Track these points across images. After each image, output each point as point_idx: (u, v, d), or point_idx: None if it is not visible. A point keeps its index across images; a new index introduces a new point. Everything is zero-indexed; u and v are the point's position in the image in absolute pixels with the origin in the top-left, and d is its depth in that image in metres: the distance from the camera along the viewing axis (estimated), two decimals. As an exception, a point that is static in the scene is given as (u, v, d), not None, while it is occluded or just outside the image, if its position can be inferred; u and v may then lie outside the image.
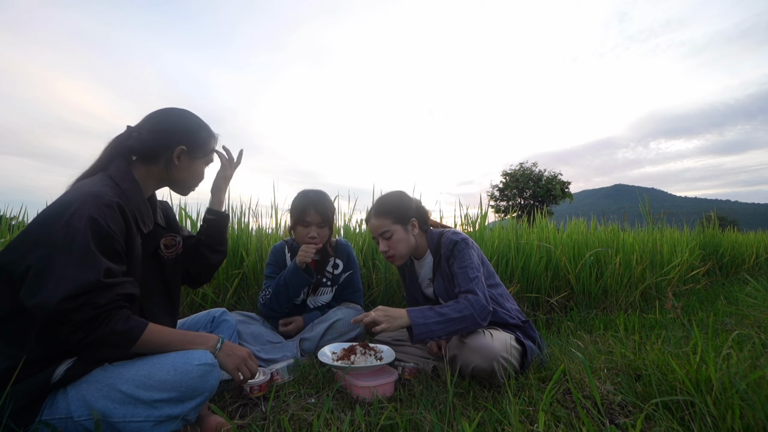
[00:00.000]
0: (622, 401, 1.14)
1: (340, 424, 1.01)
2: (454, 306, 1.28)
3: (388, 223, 1.46)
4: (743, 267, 4.57)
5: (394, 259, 1.49)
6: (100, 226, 0.85)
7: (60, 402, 0.84)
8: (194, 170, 1.12)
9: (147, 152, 1.04)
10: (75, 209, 0.84)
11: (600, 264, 2.67)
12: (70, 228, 0.82)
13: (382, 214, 1.47)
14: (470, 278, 1.34)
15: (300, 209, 1.65)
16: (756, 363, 1.15)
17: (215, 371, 0.94)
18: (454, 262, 1.40)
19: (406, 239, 1.47)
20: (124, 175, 1.00)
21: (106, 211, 0.87)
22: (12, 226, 2.55)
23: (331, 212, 1.72)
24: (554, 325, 2.20)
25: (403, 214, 1.47)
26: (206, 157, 1.15)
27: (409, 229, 1.48)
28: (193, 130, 1.10)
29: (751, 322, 1.98)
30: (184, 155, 1.07)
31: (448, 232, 1.49)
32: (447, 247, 1.43)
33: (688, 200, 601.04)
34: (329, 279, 1.78)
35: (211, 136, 1.15)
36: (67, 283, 0.78)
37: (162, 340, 0.92)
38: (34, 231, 0.84)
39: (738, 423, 0.90)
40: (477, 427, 1.00)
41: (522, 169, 29.63)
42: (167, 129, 1.06)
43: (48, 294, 0.76)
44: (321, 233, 1.67)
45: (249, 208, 2.55)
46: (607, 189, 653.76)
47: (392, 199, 1.52)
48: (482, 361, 1.22)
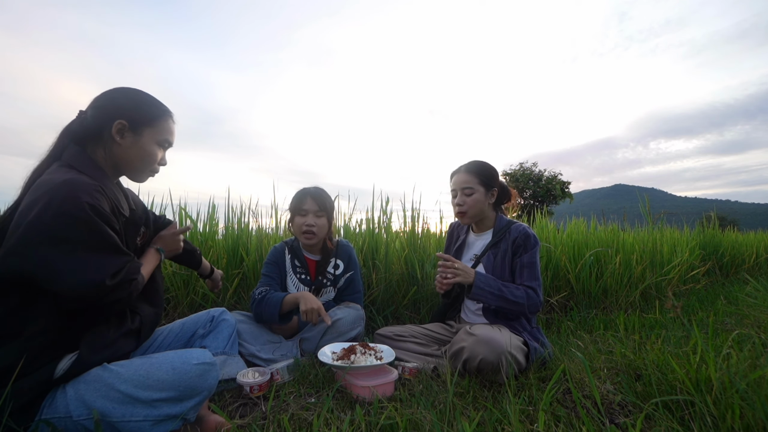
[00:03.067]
0: (622, 401, 1.14)
1: (340, 423, 1.00)
2: (515, 291, 1.42)
3: (475, 181, 1.56)
4: (743, 267, 4.57)
5: (464, 216, 1.59)
6: (99, 210, 0.86)
7: (59, 401, 0.84)
8: (141, 148, 1.01)
9: (90, 134, 0.97)
10: (63, 197, 0.81)
11: (600, 264, 2.67)
12: (71, 217, 0.80)
13: (473, 171, 1.58)
14: (536, 277, 1.47)
15: (297, 198, 1.69)
16: (756, 363, 1.15)
17: (214, 370, 0.94)
18: (524, 254, 1.49)
19: (482, 202, 1.57)
20: (83, 162, 0.94)
21: (96, 195, 0.86)
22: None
23: (329, 203, 1.71)
24: (554, 325, 2.20)
25: (490, 180, 1.58)
26: (154, 131, 1.03)
27: (488, 197, 1.58)
28: (135, 103, 1.00)
29: (751, 322, 1.98)
30: (127, 131, 0.98)
31: (521, 222, 1.59)
32: (520, 234, 1.51)
33: (688, 200, 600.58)
34: (330, 280, 1.77)
35: (157, 109, 1.04)
36: (104, 267, 0.85)
37: (146, 271, 1.07)
38: (34, 229, 0.80)
39: (738, 423, 0.90)
40: (477, 427, 1.00)
41: (522, 169, 29.63)
42: (105, 105, 0.98)
43: (92, 278, 0.83)
44: (318, 223, 1.65)
45: (249, 208, 2.55)
46: (607, 189, 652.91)
47: (483, 164, 1.61)
48: (491, 354, 1.23)
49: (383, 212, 2.54)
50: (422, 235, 2.57)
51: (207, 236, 2.35)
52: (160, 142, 1.05)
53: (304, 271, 1.74)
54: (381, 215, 2.53)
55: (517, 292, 1.42)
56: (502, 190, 1.63)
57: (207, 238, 2.33)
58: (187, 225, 1.41)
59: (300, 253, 1.75)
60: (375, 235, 2.44)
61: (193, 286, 2.06)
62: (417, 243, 2.46)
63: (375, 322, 2.09)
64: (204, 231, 2.38)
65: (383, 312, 2.18)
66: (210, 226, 2.41)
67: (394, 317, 2.22)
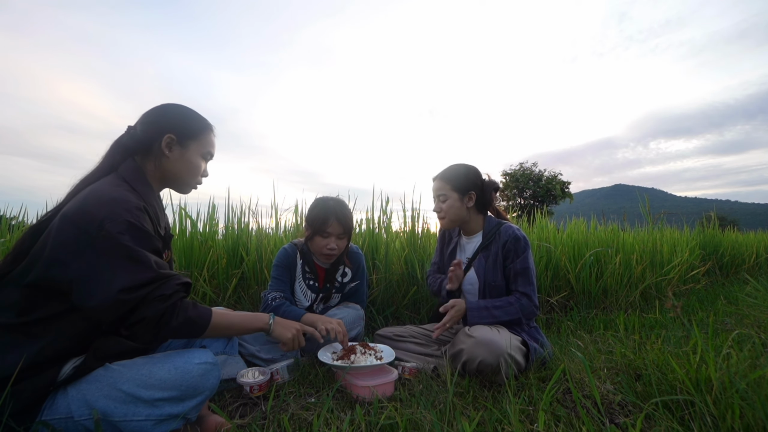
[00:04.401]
0: (622, 401, 1.14)
1: (340, 423, 1.00)
2: (508, 309, 1.42)
3: (447, 188, 1.56)
4: (743, 267, 4.57)
5: (443, 222, 1.60)
6: (138, 228, 0.87)
7: (60, 402, 0.84)
8: (188, 161, 1.07)
9: (141, 147, 1.03)
10: (106, 215, 0.84)
11: (600, 264, 2.67)
12: (107, 233, 0.82)
13: (444, 178, 1.58)
14: (531, 282, 1.46)
15: (321, 219, 1.57)
16: (756, 363, 1.15)
17: (215, 370, 0.94)
18: (517, 260, 1.47)
19: (458, 207, 1.55)
20: (137, 177, 1.00)
21: (139, 214, 0.89)
22: (12, 226, 2.54)
23: (352, 222, 1.67)
24: (554, 324, 2.20)
25: (462, 185, 1.56)
26: (199, 145, 1.09)
27: (465, 201, 1.56)
28: (181, 117, 1.07)
29: (751, 322, 1.98)
30: (175, 144, 1.05)
31: (510, 224, 1.56)
32: (508, 237, 1.49)
33: (688, 200, 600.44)
34: (336, 288, 1.75)
35: (201, 123, 1.11)
36: (122, 279, 0.82)
37: (227, 322, 0.99)
38: (71, 240, 0.83)
39: (738, 422, 0.90)
40: (477, 427, 1.00)
41: (522, 169, 29.64)
42: (155, 120, 1.05)
43: (105, 292, 0.80)
44: (340, 245, 1.61)
45: (249, 207, 2.55)
46: (607, 189, 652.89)
47: (458, 168, 1.60)
48: (490, 356, 1.23)
49: (383, 212, 2.54)
50: (422, 235, 2.57)
51: (207, 236, 2.35)
52: (203, 154, 1.11)
53: (313, 277, 1.71)
54: (381, 215, 2.54)
55: (510, 309, 1.42)
56: (483, 192, 1.59)
57: (207, 238, 2.33)
58: (319, 334, 1.31)
59: (311, 259, 1.70)
60: (375, 235, 2.44)
61: (193, 285, 2.06)
62: (417, 243, 2.46)
63: (375, 322, 2.09)
64: (204, 231, 2.38)
65: (383, 312, 2.18)
66: (210, 226, 2.41)
67: (394, 317, 2.22)
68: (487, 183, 1.61)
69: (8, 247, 2.07)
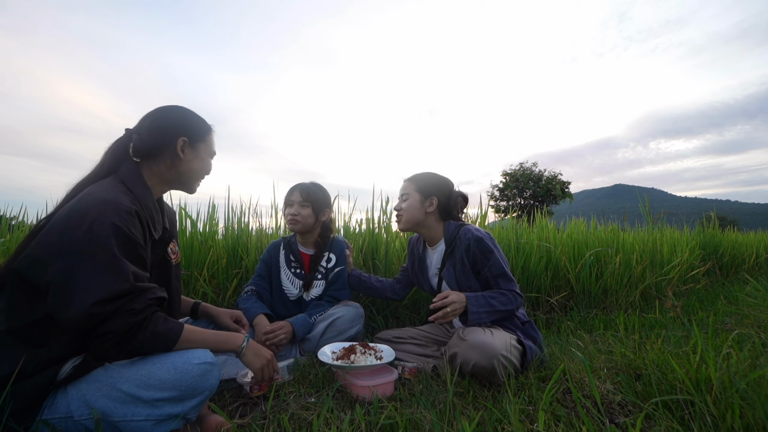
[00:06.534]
0: (621, 401, 1.14)
1: (340, 423, 1.00)
2: (500, 298, 1.42)
3: (411, 188, 1.58)
4: (743, 267, 4.57)
5: (399, 221, 1.61)
6: (123, 233, 0.86)
7: (60, 401, 0.84)
8: (201, 160, 1.13)
9: (150, 151, 1.04)
10: (95, 217, 0.83)
11: (600, 264, 2.67)
12: (92, 236, 0.82)
13: (411, 179, 1.62)
14: (510, 278, 1.46)
15: (287, 191, 1.78)
16: (756, 363, 1.15)
17: (215, 370, 0.94)
18: (487, 263, 1.45)
19: (416, 209, 1.56)
20: (136, 179, 1.00)
21: (127, 218, 0.88)
22: (12, 226, 2.54)
23: (315, 195, 1.74)
24: (554, 324, 2.20)
25: (426, 188, 1.57)
26: (206, 145, 1.15)
27: (425, 204, 1.56)
28: (190, 120, 1.11)
29: (751, 322, 1.98)
30: (188, 146, 1.08)
31: (467, 225, 1.55)
32: (468, 240, 1.48)
33: (688, 200, 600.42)
34: (322, 273, 1.79)
35: (205, 124, 1.16)
36: (96, 290, 0.79)
37: (198, 339, 0.96)
38: (55, 240, 0.82)
39: (738, 422, 0.90)
40: (477, 427, 1.00)
41: (522, 169, 29.62)
42: (165, 125, 1.07)
43: (78, 304, 0.78)
44: (302, 212, 1.71)
45: (249, 207, 2.55)
46: (607, 189, 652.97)
47: (428, 174, 1.63)
48: (483, 359, 1.22)
49: (383, 212, 2.55)
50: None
51: (207, 236, 2.35)
52: (210, 154, 1.17)
53: (299, 265, 1.80)
54: (381, 215, 2.55)
55: (503, 298, 1.42)
56: (448, 199, 1.58)
57: (207, 238, 2.33)
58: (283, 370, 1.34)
59: (296, 247, 1.81)
60: (375, 235, 2.45)
61: (193, 285, 2.06)
62: (417, 243, 2.46)
63: (375, 322, 2.09)
64: (204, 231, 2.38)
65: (383, 312, 2.18)
66: (210, 226, 2.42)
67: (394, 317, 2.22)
68: (455, 192, 1.61)
69: (8, 247, 2.07)
